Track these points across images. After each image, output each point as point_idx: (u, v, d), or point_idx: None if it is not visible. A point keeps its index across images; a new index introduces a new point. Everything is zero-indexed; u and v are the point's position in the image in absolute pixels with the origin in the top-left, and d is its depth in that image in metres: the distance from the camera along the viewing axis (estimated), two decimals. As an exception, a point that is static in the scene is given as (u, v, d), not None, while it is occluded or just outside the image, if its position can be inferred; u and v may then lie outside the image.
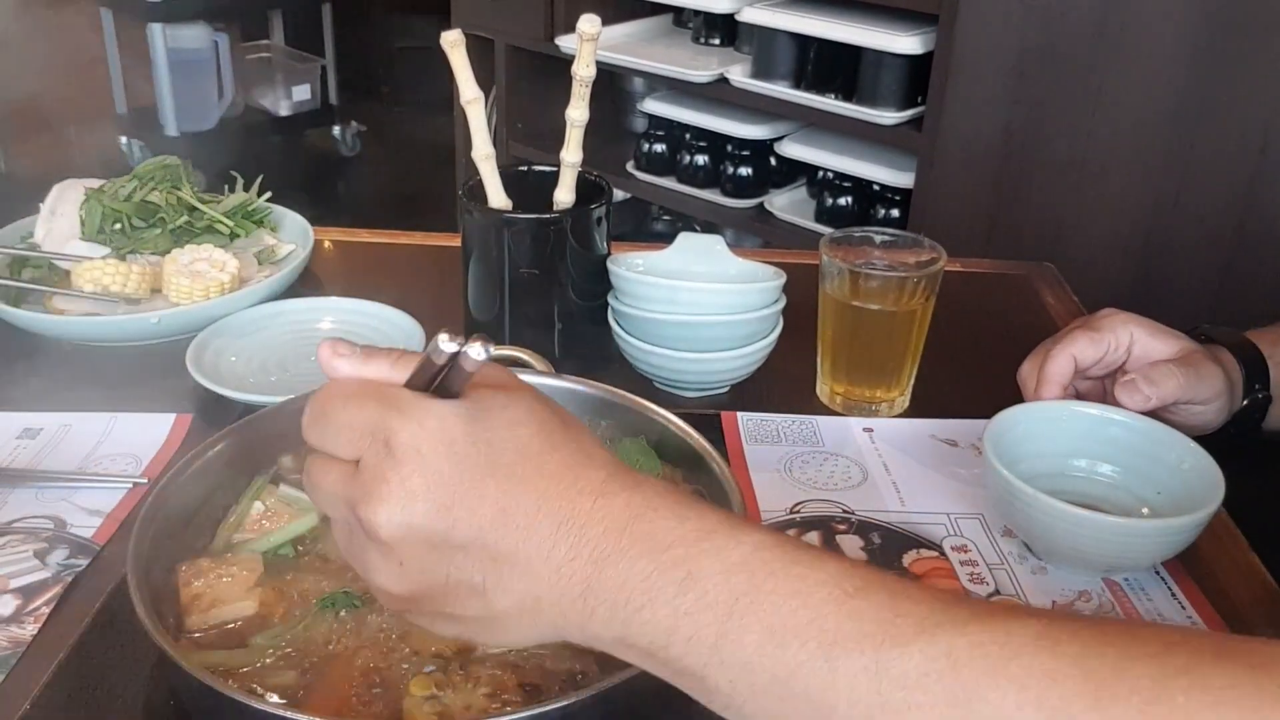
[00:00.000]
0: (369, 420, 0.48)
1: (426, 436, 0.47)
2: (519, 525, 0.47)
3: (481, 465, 0.47)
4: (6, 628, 0.67)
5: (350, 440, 0.49)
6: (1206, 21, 1.86)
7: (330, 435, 0.50)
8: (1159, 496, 0.75)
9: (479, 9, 2.71)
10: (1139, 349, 0.79)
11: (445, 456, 0.47)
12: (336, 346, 0.51)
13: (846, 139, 2.27)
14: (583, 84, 0.92)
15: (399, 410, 0.48)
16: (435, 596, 0.49)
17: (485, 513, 0.47)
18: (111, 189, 1.09)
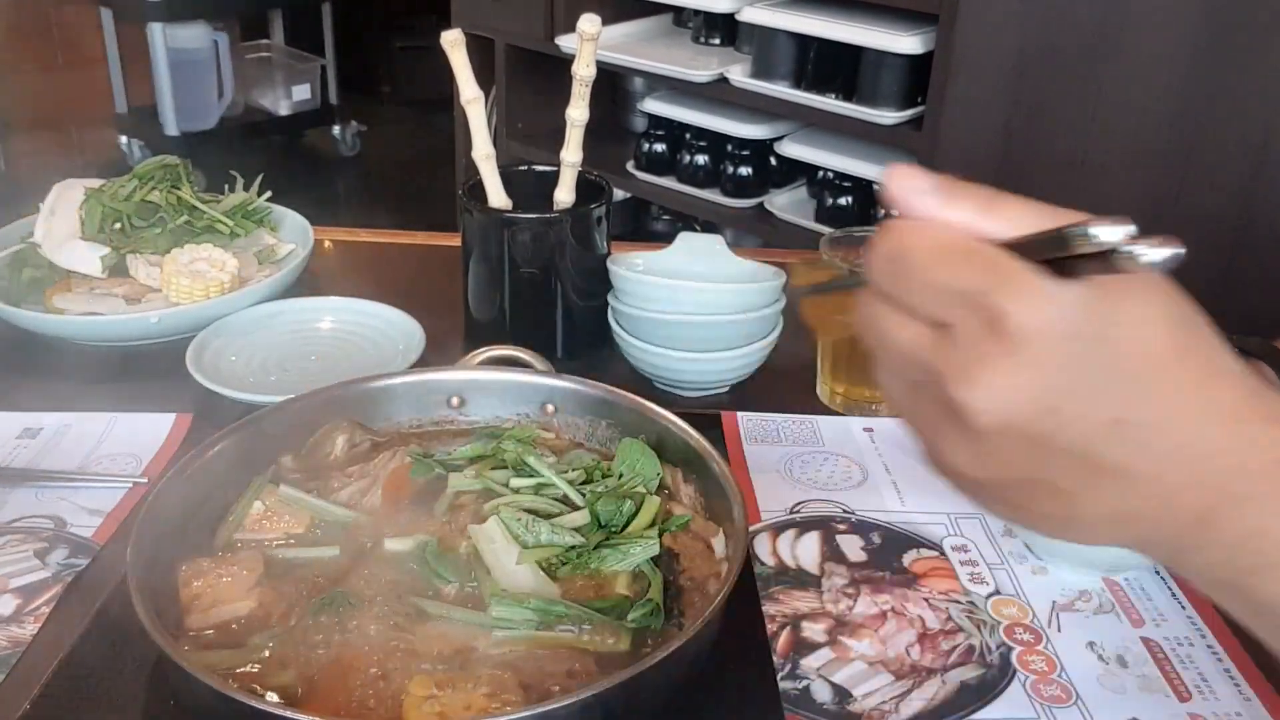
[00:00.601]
0: (973, 287, 0.41)
1: (1044, 323, 0.40)
2: (1133, 439, 0.41)
3: (1102, 366, 0.41)
4: (6, 627, 0.67)
5: (942, 304, 0.42)
6: (1206, 21, 1.86)
7: (914, 290, 0.43)
8: None
9: (479, 8, 2.71)
10: None
11: (1063, 350, 0.40)
12: (913, 178, 0.43)
13: (846, 139, 2.27)
14: (583, 83, 0.92)
15: (1013, 285, 0.40)
16: (1011, 489, 0.44)
17: (1098, 419, 0.41)
18: (111, 189, 1.09)
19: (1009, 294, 0.40)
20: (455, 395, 0.81)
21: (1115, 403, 0.41)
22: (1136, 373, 0.41)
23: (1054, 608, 0.71)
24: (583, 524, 0.69)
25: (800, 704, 0.63)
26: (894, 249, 0.43)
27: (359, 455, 0.77)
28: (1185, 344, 0.42)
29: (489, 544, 0.67)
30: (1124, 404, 0.41)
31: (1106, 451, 0.41)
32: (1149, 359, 0.41)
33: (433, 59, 1.00)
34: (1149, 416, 0.41)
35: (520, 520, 0.68)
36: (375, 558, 0.68)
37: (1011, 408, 0.41)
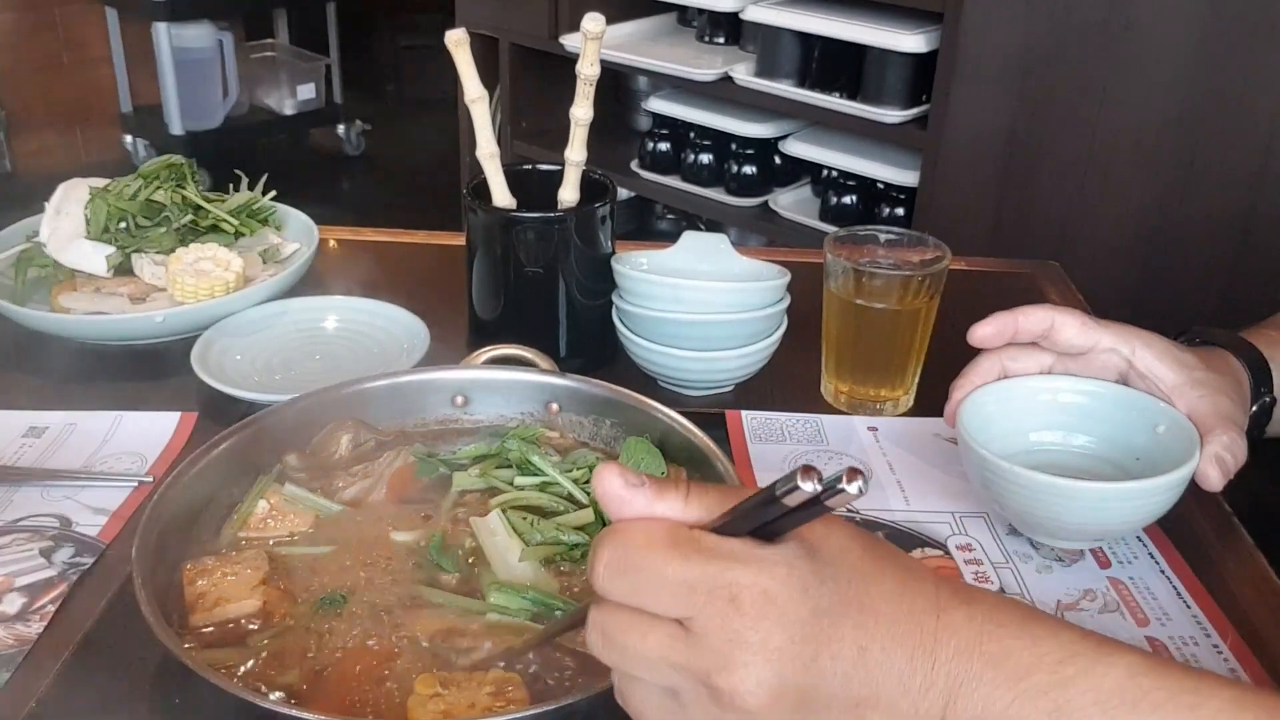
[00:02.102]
0: (701, 575, 0.42)
1: (780, 586, 0.42)
2: (877, 663, 0.43)
3: (835, 604, 0.43)
4: (12, 626, 0.67)
5: (678, 598, 0.43)
6: (1212, 20, 1.85)
7: (648, 591, 0.44)
8: (1138, 463, 0.75)
9: (483, 7, 2.71)
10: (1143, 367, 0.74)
11: (801, 604, 0.42)
12: (625, 476, 0.45)
13: (851, 137, 2.27)
14: (587, 82, 0.92)
15: (739, 561, 0.43)
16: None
17: (847, 656, 0.43)
18: (116, 188, 1.09)
19: (739, 568, 0.42)
20: (459, 394, 0.81)
21: (855, 633, 0.43)
22: (859, 596, 0.44)
23: (1059, 607, 0.71)
24: (586, 522, 0.69)
25: (804, 703, 0.63)
26: (621, 560, 0.44)
27: (363, 454, 0.77)
28: (878, 553, 0.46)
29: (490, 536, 0.67)
30: (861, 630, 0.43)
31: (862, 684, 0.43)
32: (864, 579, 0.44)
33: (437, 58, 1.00)
34: (880, 634, 0.44)
35: (524, 518, 0.68)
36: (379, 556, 0.68)
37: (778, 676, 0.42)
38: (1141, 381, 0.74)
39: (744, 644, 0.42)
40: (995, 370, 0.77)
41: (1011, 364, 0.77)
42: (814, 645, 0.43)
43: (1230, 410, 0.71)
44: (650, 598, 0.43)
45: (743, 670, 0.42)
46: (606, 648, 0.45)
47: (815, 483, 0.40)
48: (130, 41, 3.80)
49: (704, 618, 0.42)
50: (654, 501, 0.45)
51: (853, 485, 0.40)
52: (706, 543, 0.43)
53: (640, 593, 0.44)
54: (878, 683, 0.43)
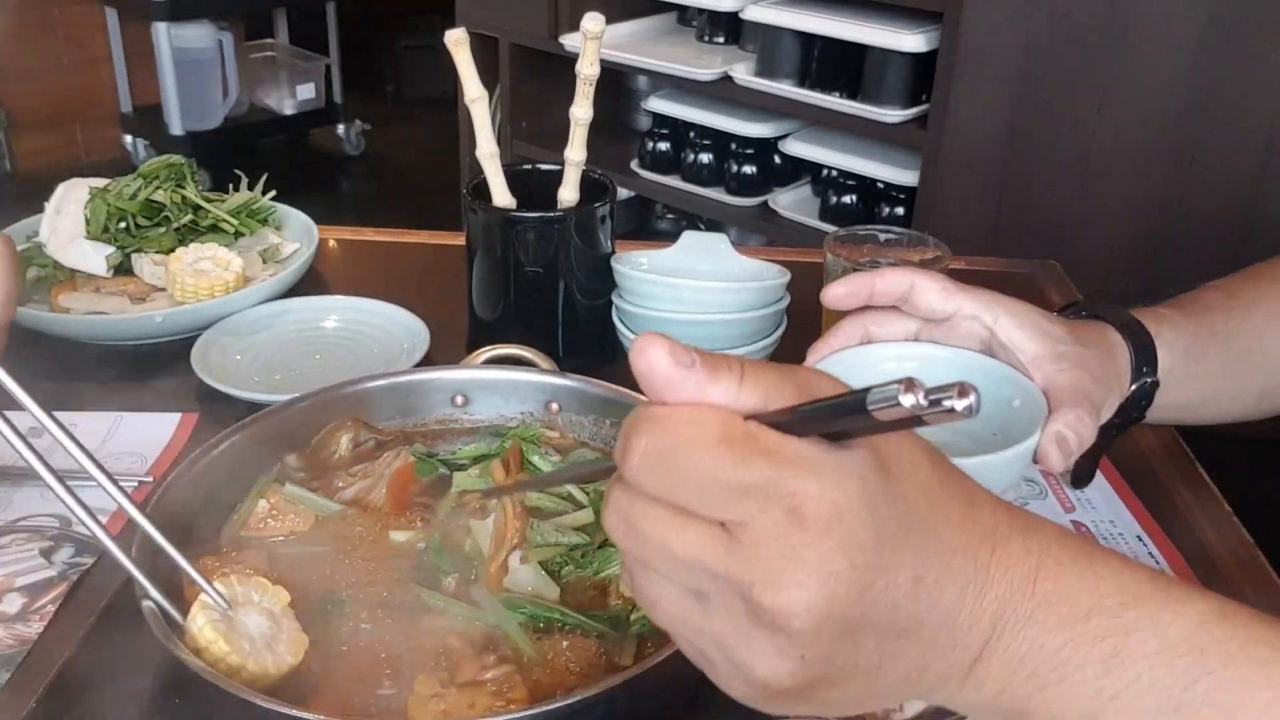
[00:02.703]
0: (759, 479, 0.37)
1: (850, 503, 0.38)
2: (928, 595, 0.40)
3: (901, 529, 0.39)
4: (12, 626, 0.67)
5: (727, 502, 0.38)
6: (1211, 20, 1.85)
7: (691, 490, 0.38)
8: (995, 438, 0.70)
9: (483, 7, 2.71)
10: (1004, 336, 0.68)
11: (868, 526, 0.38)
12: (675, 353, 0.39)
13: (851, 137, 2.27)
14: (587, 82, 0.92)
15: (806, 469, 0.37)
16: (820, 685, 0.40)
17: (901, 586, 0.39)
18: (116, 188, 1.09)
19: (805, 478, 0.37)
20: (459, 394, 0.81)
21: (914, 560, 0.39)
22: (926, 519, 0.40)
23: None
24: (586, 523, 0.69)
25: (804, 702, 0.63)
26: (661, 446, 0.38)
27: (363, 454, 0.77)
28: (945, 475, 0.42)
29: (488, 538, 0.67)
30: (920, 558, 0.39)
31: (910, 614, 0.40)
32: (931, 502, 0.40)
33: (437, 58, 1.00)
34: (936, 564, 0.40)
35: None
36: (379, 555, 0.68)
37: (827, 603, 0.38)
38: (1003, 351, 0.69)
39: (800, 562, 0.37)
40: (856, 335, 0.72)
41: (875, 329, 0.72)
42: (873, 573, 0.38)
43: (1089, 386, 0.66)
44: (693, 498, 0.38)
45: (794, 590, 0.37)
46: (626, 535, 0.40)
47: (920, 397, 0.34)
48: (130, 41, 3.80)
49: (757, 527, 0.37)
50: (706, 386, 0.39)
51: (962, 403, 0.34)
52: (766, 441, 0.38)
53: (680, 490, 0.38)
54: (924, 616, 0.40)
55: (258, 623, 0.59)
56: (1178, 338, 0.71)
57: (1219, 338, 0.73)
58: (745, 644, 0.39)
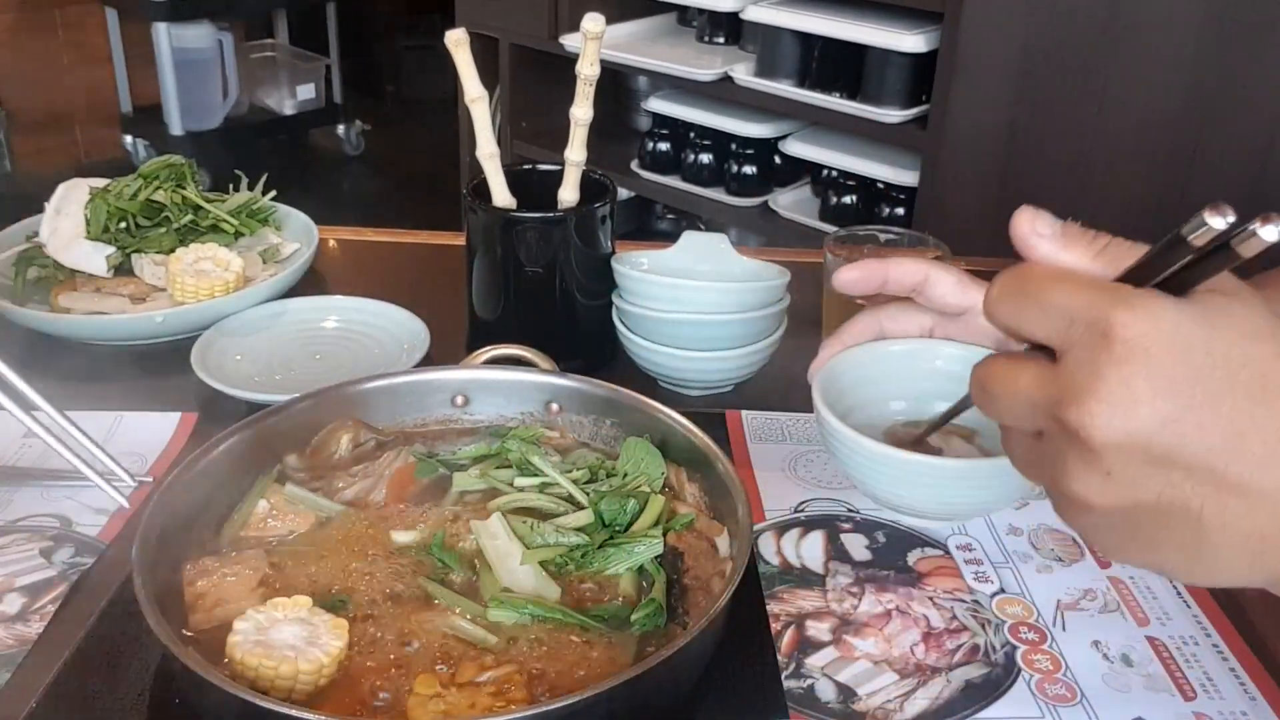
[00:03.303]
0: (1086, 306, 0.42)
1: (1158, 336, 0.41)
2: (1256, 453, 0.41)
3: (1218, 379, 0.41)
4: (12, 626, 0.67)
5: (1058, 324, 0.43)
6: (1211, 20, 1.85)
7: (1032, 314, 0.44)
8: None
9: (483, 8, 2.71)
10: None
11: (1178, 362, 0.40)
12: (1036, 223, 0.46)
13: (851, 137, 2.27)
14: (587, 82, 0.92)
15: (1125, 301, 0.41)
16: (1139, 517, 0.43)
17: (1218, 432, 0.41)
18: (116, 188, 1.09)
19: (1122, 308, 0.41)
20: (459, 394, 0.81)
21: (1236, 414, 0.41)
22: (1250, 385, 0.41)
23: (1059, 606, 0.71)
24: (586, 523, 0.69)
25: (805, 703, 0.63)
26: (1014, 281, 0.45)
27: (364, 454, 0.77)
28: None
29: (491, 540, 0.67)
30: (1244, 416, 0.41)
31: (1230, 465, 0.41)
32: (1263, 374, 0.41)
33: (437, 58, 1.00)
34: (1269, 429, 0.41)
35: (525, 522, 0.68)
36: (379, 556, 0.68)
37: (1128, 418, 0.41)
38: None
39: (1103, 380, 0.41)
40: (872, 330, 0.72)
41: (890, 324, 0.72)
42: (1179, 405, 0.40)
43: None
44: (1031, 321, 0.44)
45: (1095, 404, 0.41)
46: (982, 397, 0.46)
47: (1224, 217, 0.40)
48: (130, 41, 3.80)
49: (1076, 349, 0.42)
50: (1059, 252, 0.45)
51: (1268, 228, 0.39)
52: (1100, 282, 0.43)
53: (1022, 314, 0.44)
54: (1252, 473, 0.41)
55: (292, 631, 0.59)
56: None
57: None
58: (1061, 462, 0.43)
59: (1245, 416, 0.41)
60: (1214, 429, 0.41)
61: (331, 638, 0.60)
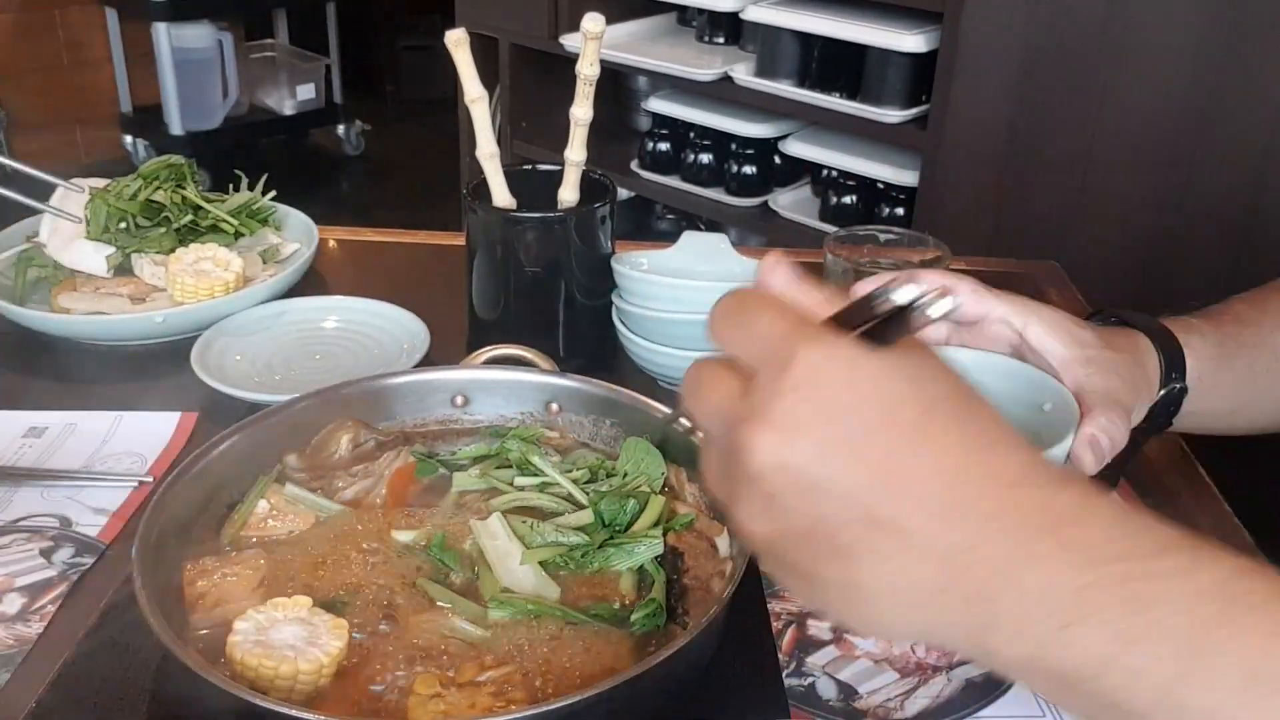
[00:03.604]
0: (781, 336, 0.43)
1: (831, 370, 0.41)
2: (906, 493, 0.41)
3: (880, 413, 0.41)
4: (12, 626, 0.67)
5: (756, 349, 0.44)
6: (1211, 19, 1.85)
7: (738, 335, 0.45)
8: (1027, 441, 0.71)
9: (483, 8, 2.71)
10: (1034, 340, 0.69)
11: (843, 392, 0.41)
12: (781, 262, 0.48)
13: (851, 137, 2.27)
14: (587, 82, 0.92)
15: (812, 336, 0.43)
16: (796, 546, 0.43)
17: (868, 467, 0.41)
18: (116, 188, 1.09)
19: (807, 340, 0.42)
20: (459, 394, 0.81)
21: (890, 450, 0.41)
22: (914, 422, 0.41)
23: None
24: (586, 523, 0.69)
25: (806, 701, 0.63)
26: (732, 302, 0.46)
27: (363, 454, 0.77)
28: (969, 409, 0.43)
29: (491, 540, 0.67)
30: (899, 453, 0.41)
31: (880, 503, 0.41)
32: (929, 413, 0.42)
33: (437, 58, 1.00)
34: (922, 469, 0.41)
35: (525, 521, 0.68)
36: (379, 556, 0.68)
37: (786, 445, 0.41)
38: (1034, 356, 0.69)
39: (773, 405, 0.42)
40: None
41: None
42: (836, 436, 0.41)
43: (1120, 391, 0.66)
44: (736, 341, 0.45)
45: (761, 426, 0.42)
46: (688, 395, 0.47)
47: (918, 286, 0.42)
48: (130, 41, 3.80)
49: (762, 373, 0.43)
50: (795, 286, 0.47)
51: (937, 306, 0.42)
52: (800, 314, 0.44)
53: (731, 334, 0.46)
54: (901, 512, 0.41)
55: (292, 631, 0.60)
56: (1206, 346, 0.72)
57: (1246, 348, 0.74)
58: (732, 483, 0.44)
59: (900, 456, 0.41)
60: (868, 464, 0.41)
61: (331, 638, 0.60)
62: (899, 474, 0.41)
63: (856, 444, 0.41)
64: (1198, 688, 0.37)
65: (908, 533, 0.41)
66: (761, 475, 0.42)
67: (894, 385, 0.42)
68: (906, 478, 0.41)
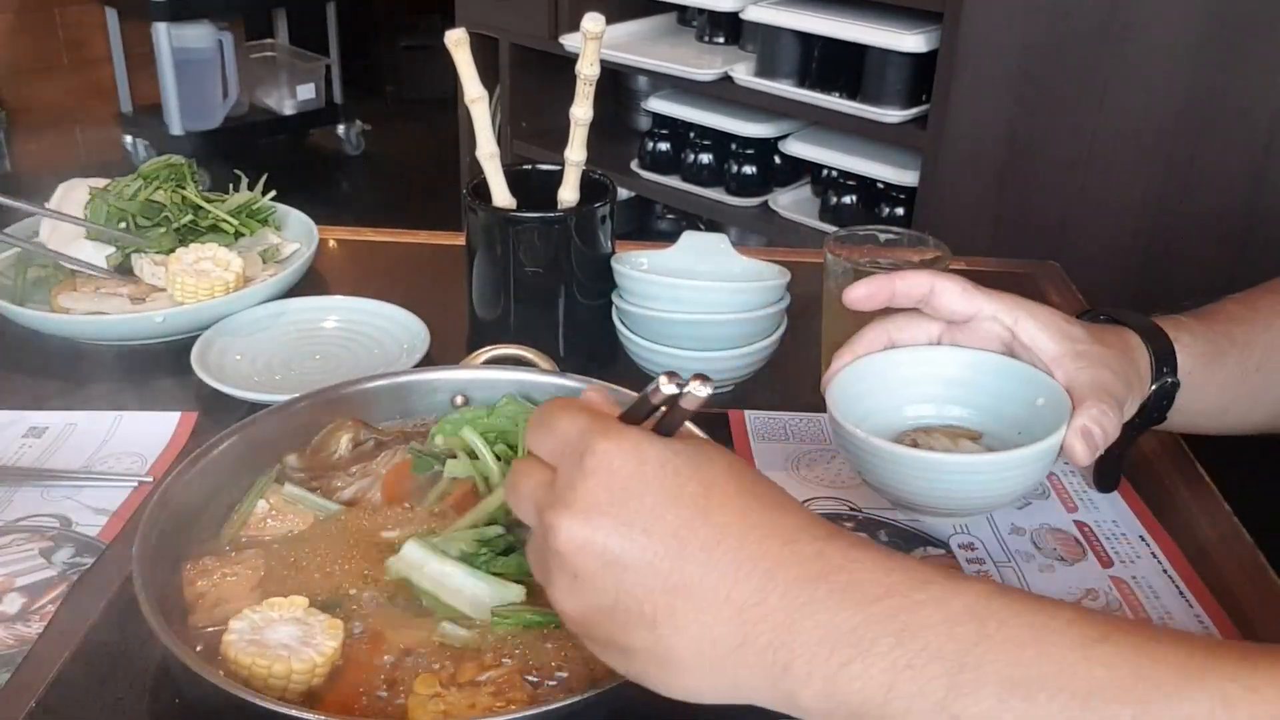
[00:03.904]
0: (579, 432, 0.49)
1: (622, 455, 0.47)
2: (695, 556, 0.45)
3: (667, 489, 0.47)
4: (12, 626, 0.67)
5: (558, 445, 0.49)
6: (1211, 19, 1.85)
7: (542, 438, 0.51)
8: (1020, 437, 0.71)
9: (483, 7, 2.71)
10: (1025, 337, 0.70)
11: (633, 475, 0.47)
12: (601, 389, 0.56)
13: (851, 137, 2.27)
14: (587, 82, 0.92)
15: (604, 429, 0.48)
16: (605, 620, 0.47)
17: (660, 537, 0.46)
18: (116, 188, 1.09)
19: (598, 432, 0.48)
20: (459, 394, 0.81)
21: (677, 521, 0.46)
22: (696, 496, 0.47)
23: (1060, 606, 0.70)
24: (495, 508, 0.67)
25: (805, 703, 0.63)
26: (542, 411, 0.52)
27: (363, 454, 0.77)
28: (747, 482, 0.48)
29: (418, 570, 0.64)
30: (684, 522, 0.46)
31: (673, 569, 0.45)
32: (709, 487, 0.47)
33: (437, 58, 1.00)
34: (706, 534, 0.46)
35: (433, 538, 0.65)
36: (378, 555, 0.68)
37: (586, 526, 0.46)
38: (1025, 352, 0.71)
39: (573, 489, 0.47)
40: (881, 340, 0.74)
41: (898, 334, 0.74)
42: (630, 513, 0.46)
43: (1110, 383, 0.67)
44: (542, 442, 0.51)
45: (563, 509, 0.47)
46: (507, 490, 0.53)
47: (674, 383, 0.48)
48: (130, 41, 3.80)
49: (563, 465, 0.49)
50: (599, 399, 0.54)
51: (703, 389, 0.48)
52: (597, 414, 0.50)
53: (538, 437, 0.51)
54: (693, 575, 0.45)
55: (287, 631, 0.59)
56: (1196, 343, 0.72)
57: (1238, 346, 0.74)
58: (545, 565, 0.49)
59: (686, 524, 0.46)
60: (660, 537, 0.46)
61: (326, 638, 0.59)
62: (689, 543, 0.46)
63: (648, 520, 0.46)
64: (967, 700, 0.41)
65: (701, 594, 0.45)
66: (567, 554, 0.47)
67: (677, 466, 0.47)
68: (695, 545, 0.46)
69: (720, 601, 0.45)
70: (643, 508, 0.46)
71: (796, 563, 0.45)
